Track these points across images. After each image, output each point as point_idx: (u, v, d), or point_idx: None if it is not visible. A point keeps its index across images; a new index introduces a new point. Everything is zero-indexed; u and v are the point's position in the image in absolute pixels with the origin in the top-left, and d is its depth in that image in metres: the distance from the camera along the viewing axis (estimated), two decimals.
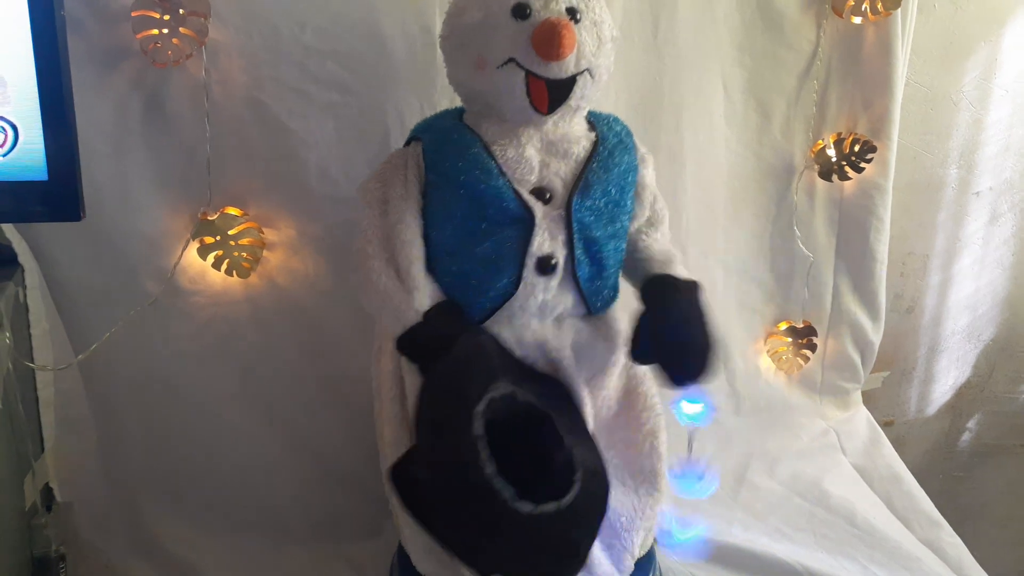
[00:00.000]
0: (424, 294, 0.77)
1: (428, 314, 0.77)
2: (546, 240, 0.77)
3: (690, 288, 0.81)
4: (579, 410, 0.80)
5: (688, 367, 0.77)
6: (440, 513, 0.70)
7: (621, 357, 0.84)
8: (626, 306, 0.85)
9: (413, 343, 0.77)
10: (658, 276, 0.83)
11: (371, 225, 0.79)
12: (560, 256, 0.78)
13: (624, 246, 0.85)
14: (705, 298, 0.80)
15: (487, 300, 0.78)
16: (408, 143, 0.83)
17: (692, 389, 0.78)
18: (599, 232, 0.79)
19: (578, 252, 0.78)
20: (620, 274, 0.86)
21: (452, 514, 0.69)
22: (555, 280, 0.78)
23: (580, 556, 0.72)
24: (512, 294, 0.78)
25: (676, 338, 0.78)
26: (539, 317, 0.80)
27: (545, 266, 0.77)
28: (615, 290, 0.85)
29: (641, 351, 0.80)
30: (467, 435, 0.68)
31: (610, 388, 0.84)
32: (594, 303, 0.82)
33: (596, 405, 0.82)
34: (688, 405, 0.79)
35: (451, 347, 0.74)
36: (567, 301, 0.80)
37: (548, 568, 0.72)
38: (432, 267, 0.79)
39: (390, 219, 0.78)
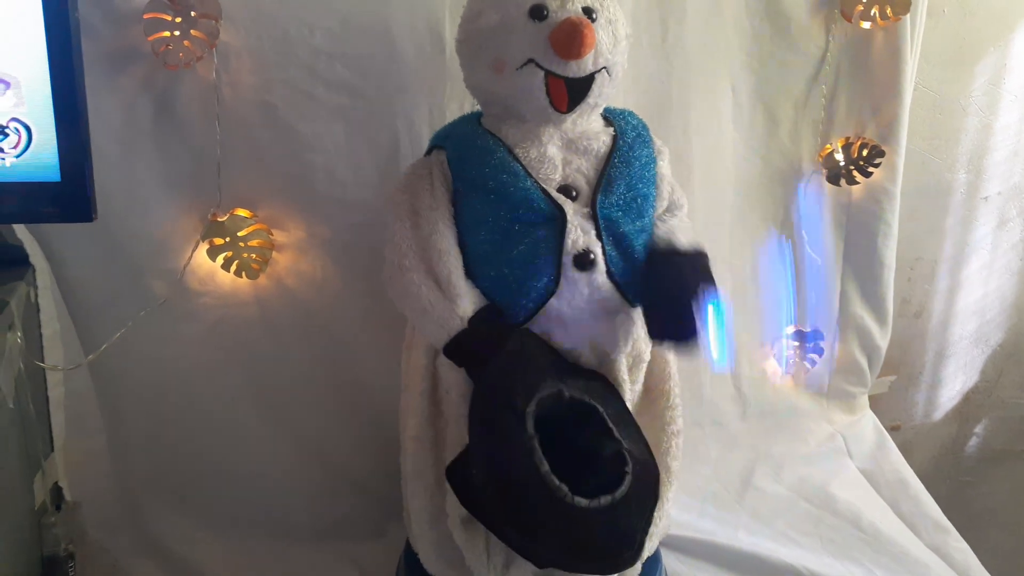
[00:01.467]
0: (467, 301, 0.77)
1: (472, 320, 0.77)
2: (580, 236, 0.77)
3: (690, 255, 0.81)
4: (624, 402, 0.80)
5: (669, 327, 0.77)
6: (498, 511, 0.71)
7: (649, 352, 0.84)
8: None
9: (460, 349, 0.77)
10: (654, 252, 0.83)
11: (404, 238, 0.79)
12: (597, 250, 0.78)
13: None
14: (706, 263, 0.81)
15: (529, 300, 0.78)
16: (429, 152, 0.83)
17: (683, 347, 0.78)
18: (627, 227, 0.79)
19: (608, 248, 0.78)
20: None
21: (509, 511, 0.70)
22: (598, 274, 0.78)
23: (636, 546, 0.73)
24: (553, 292, 0.78)
25: (658, 301, 0.79)
26: (586, 312, 0.80)
27: (584, 261, 0.77)
28: None
29: (654, 331, 0.80)
30: (520, 435, 0.69)
31: (639, 382, 0.85)
32: (633, 296, 0.81)
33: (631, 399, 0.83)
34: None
35: (498, 350, 0.75)
36: (612, 295, 0.80)
37: (606, 559, 0.73)
38: (470, 273, 0.79)
39: (423, 231, 0.78)
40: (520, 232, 0.77)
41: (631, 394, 0.83)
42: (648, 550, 0.87)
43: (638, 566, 0.84)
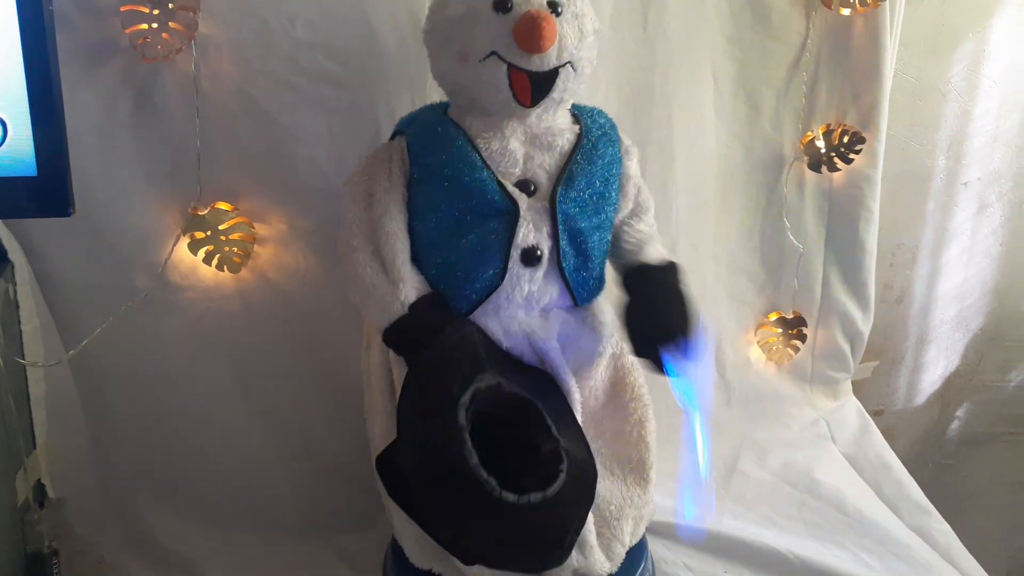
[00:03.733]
0: (410, 286, 0.78)
1: (414, 306, 0.77)
2: (531, 232, 0.77)
3: (663, 272, 0.82)
4: (566, 400, 0.80)
5: (663, 351, 0.77)
6: (425, 503, 0.71)
7: (608, 347, 0.85)
8: (611, 296, 0.86)
9: (399, 335, 0.78)
10: (633, 267, 0.84)
11: (356, 218, 0.79)
12: (545, 247, 0.78)
13: (609, 237, 0.85)
14: (680, 278, 0.81)
15: (473, 291, 0.79)
16: (393, 137, 0.83)
17: (678, 374, 0.78)
18: (584, 223, 0.80)
19: (563, 243, 0.79)
20: (606, 265, 0.86)
21: (437, 504, 0.70)
22: (540, 271, 0.79)
23: (566, 545, 0.72)
24: (498, 285, 0.78)
25: (650, 326, 0.79)
26: (526, 308, 0.81)
27: (530, 257, 0.78)
28: (601, 281, 0.86)
29: (635, 345, 0.81)
30: (451, 426, 0.68)
31: (597, 378, 0.85)
32: (580, 294, 0.83)
33: (584, 395, 0.83)
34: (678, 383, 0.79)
35: (437, 339, 0.74)
36: (553, 292, 0.81)
37: (533, 557, 0.72)
38: (417, 259, 0.79)
39: (375, 212, 0.79)
40: (471, 223, 0.77)
41: (588, 390, 0.84)
42: (634, 537, 0.88)
43: (621, 553, 0.84)
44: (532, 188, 0.78)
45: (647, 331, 0.79)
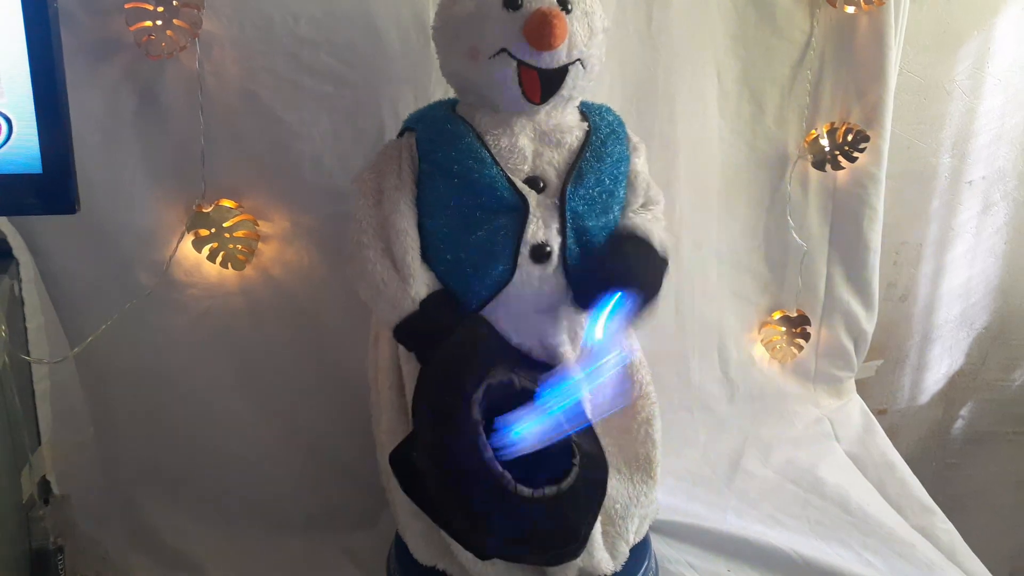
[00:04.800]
0: (420, 283, 0.78)
1: (424, 303, 0.77)
2: (540, 228, 0.77)
3: (637, 240, 0.81)
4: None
5: (594, 290, 0.77)
6: (440, 498, 0.71)
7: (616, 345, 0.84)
8: None
9: (410, 332, 0.78)
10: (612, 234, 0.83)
11: (365, 215, 0.79)
12: (555, 244, 0.78)
13: None
14: (647, 248, 0.81)
15: (483, 288, 0.78)
16: (401, 134, 0.83)
17: (602, 315, 0.77)
18: (591, 222, 0.79)
19: (570, 241, 0.79)
20: None
21: (452, 499, 0.70)
22: (550, 268, 0.79)
23: (580, 539, 0.73)
24: (507, 282, 0.78)
25: (591, 268, 0.79)
26: (535, 305, 0.81)
27: (540, 254, 0.78)
28: None
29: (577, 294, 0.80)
30: (465, 422, 0.69)
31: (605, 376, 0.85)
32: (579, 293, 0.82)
33: (592, 392, 0.83)
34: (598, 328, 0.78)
35: (448, 335, 0.75)
36: (562, 289, 0.81)
37: (548, 552, 0.73)
38: (427, 256, 0.79)
39: (384, 209, 0.79)
40: (481, 219, 0.77)
41: (596, 388, 0.83)
42: (637, 535, 0.88)
43: (625, 551, 0.84)
44: (541, 185, 0.78)
45: (593, 279, 0.79)
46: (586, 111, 0.83)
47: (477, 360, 0.74)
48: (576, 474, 0.71)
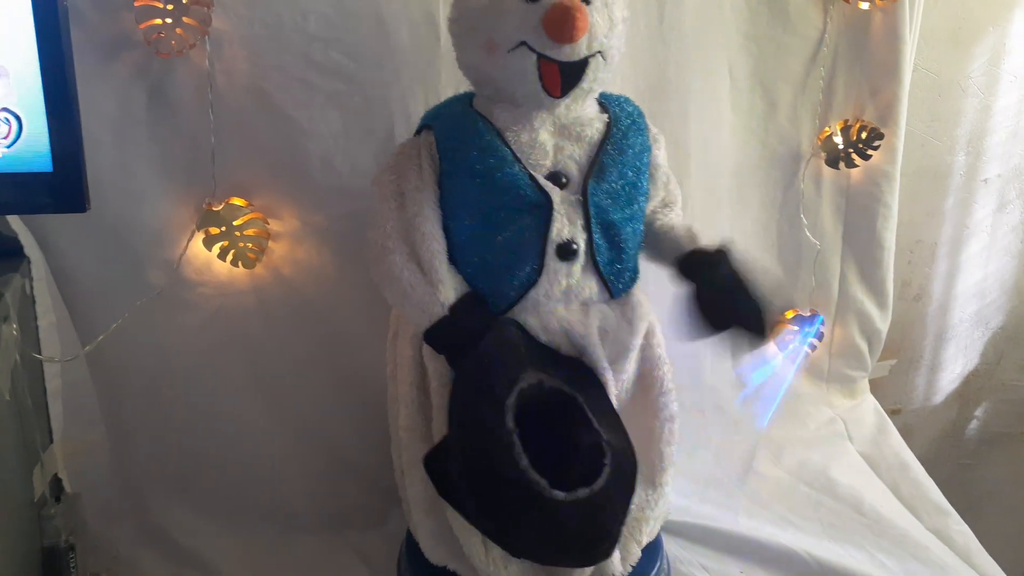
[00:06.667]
0: (449, 287, 0.77)
1: (454, 307, 0.76)
2: (565, 225, 0.77)
3: (725, 254, 0.81)
4: (604, 391, 0.79)
5: (749, 331, 0.79)
6: (475, 502, 0.71)
7: (639, 340, 0.84)
8: (644, 287, 0.85)
9: (441, 337, 0.77)
10: (690, 253, 0.83)
11: (389, 219, 0.78)
12: (581, 241, 0.77)
13: (641, 228, 0.84)
14: (743, 257, 0.81)
15: (511, 288, 0.78)
16: (419, 132, 0.82)
17: (757, 352, 0.79)
18: (617, 215, 0.78)
19: (596, 237, 0.78)
20: (641, 256, 0.85)
21: (486, 505, 0.70)
22: (577, 265, 0.78)
23: (612, 538, 0.73)
24: (535, 281, 0.77)
25: (730, 309, 0.79)
26: (564, 303, 0.80)
27: (566, 252, 0.77)
28: (635, 272, 0.84)
29: (700, 328, 0.81)
30: (500, 430, 0.69)
31: (629, 371, 0.84)
32: (616, 287, 0.82)
33: (617, 389, 0.82)
34: (755, 366, 0.80)
35: (478, 339, 0.74)
36: (590, 286, 0.80)
37: (583, 551, 0.73)
38: (453, 258, 0.78)
39: (408, 212, 0.77)
40: (505, 219, 0.76)
41: (620, 383, 0.83)
42: (649, 535, 0.87)
43: (637, 552, 0.84)
44: (563, 180, 0.77)
45: (725, 314, 0.80)
46: (605, 102, 0.82)
47: (508, 365, 0.73)
48: (608, 473, 0.71)
